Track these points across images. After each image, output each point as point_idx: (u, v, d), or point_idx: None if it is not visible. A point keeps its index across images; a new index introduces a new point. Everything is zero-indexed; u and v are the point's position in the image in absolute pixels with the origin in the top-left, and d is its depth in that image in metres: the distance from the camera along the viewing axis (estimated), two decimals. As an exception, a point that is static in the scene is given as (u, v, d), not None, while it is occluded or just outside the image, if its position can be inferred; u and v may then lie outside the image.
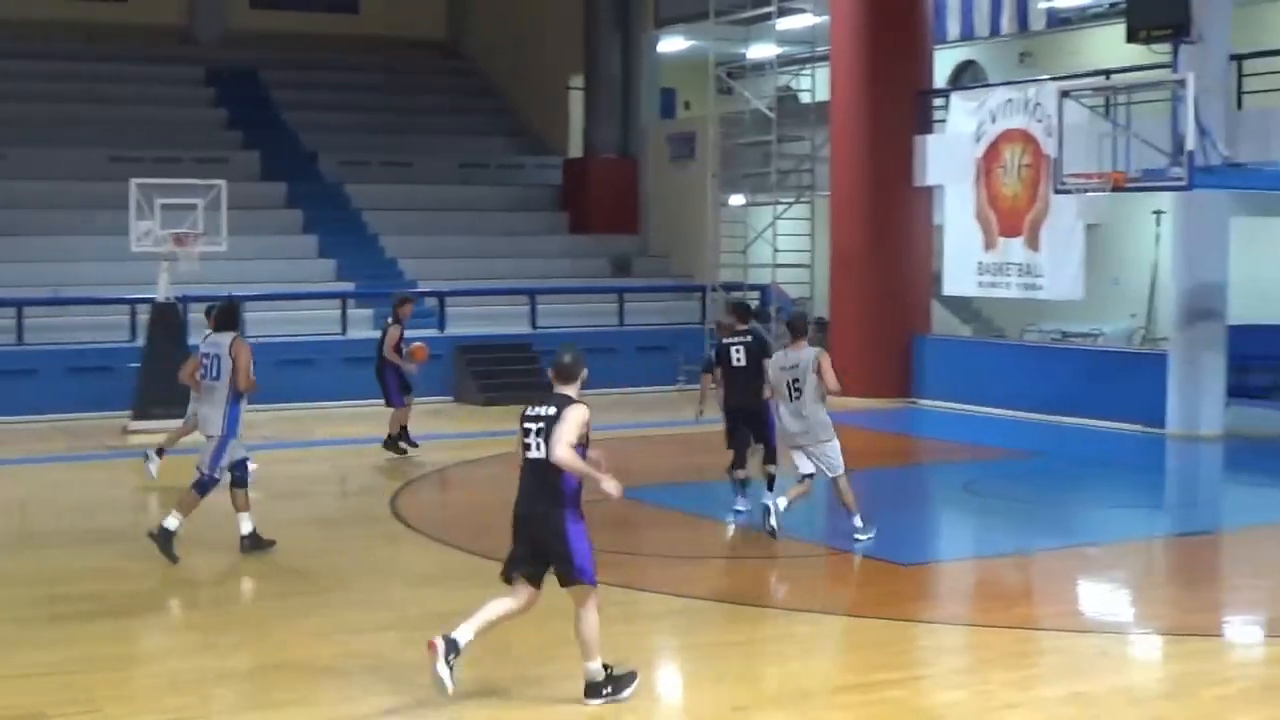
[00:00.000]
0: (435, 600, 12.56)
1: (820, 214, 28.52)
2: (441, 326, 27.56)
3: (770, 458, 16.06)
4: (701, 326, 28.89)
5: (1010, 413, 23.68)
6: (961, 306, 30.09)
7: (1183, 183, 18.10)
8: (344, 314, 26.78)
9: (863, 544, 14.37)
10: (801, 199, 29.21)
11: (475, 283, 29.18)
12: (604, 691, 9.81)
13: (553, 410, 9.69)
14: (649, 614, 12.26)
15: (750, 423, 15.87)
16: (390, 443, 20.24)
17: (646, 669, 10.88)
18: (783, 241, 28.94)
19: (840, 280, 26.47)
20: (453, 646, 9.62)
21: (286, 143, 33.46)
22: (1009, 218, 23.63)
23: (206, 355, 14.23)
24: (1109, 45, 25.58)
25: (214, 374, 14.09)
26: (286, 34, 36.91)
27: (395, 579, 13.43)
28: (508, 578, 9.96)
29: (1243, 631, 12.22)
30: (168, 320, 23.10)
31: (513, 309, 28.40)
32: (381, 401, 20.70)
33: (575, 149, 35.04)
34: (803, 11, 29.21)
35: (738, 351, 15.79)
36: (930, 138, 26.05)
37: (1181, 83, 17.87)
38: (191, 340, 23.80)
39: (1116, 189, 18.70)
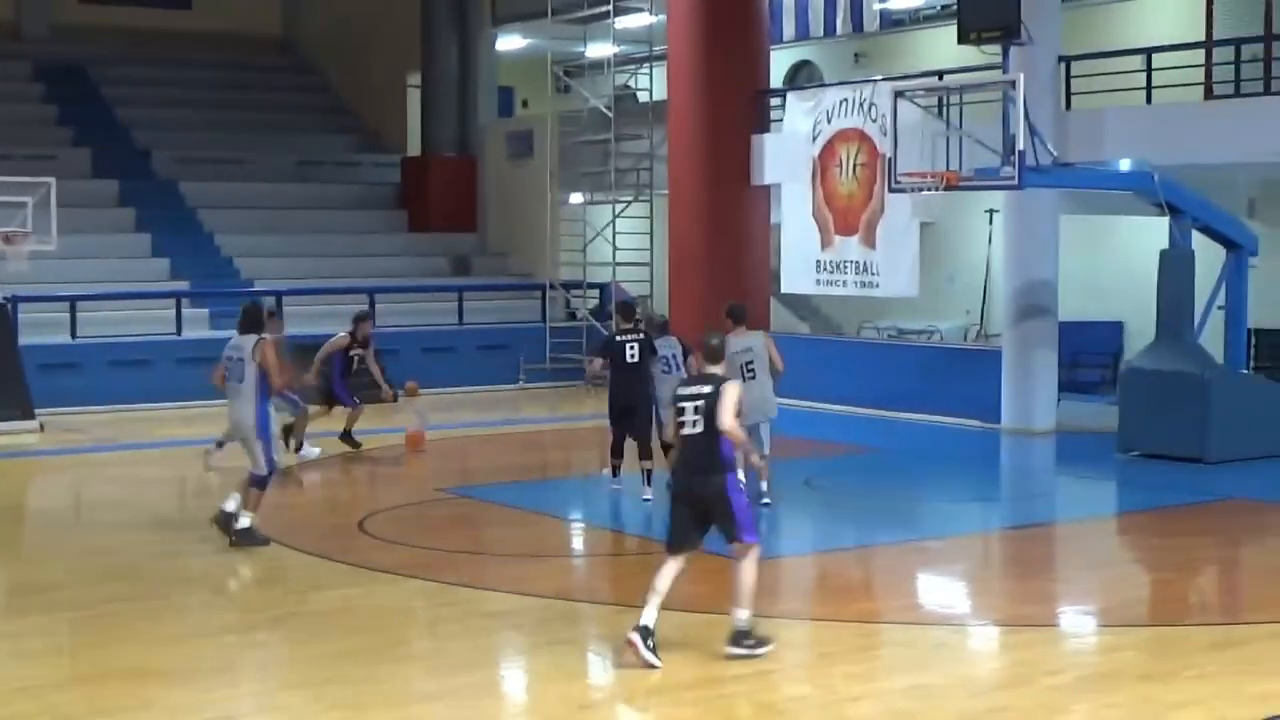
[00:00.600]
0: (276, 603, 12.47)
1: (659, 212, 28.65)
2: (279, 326, 27.24)
3: (646, 453, 16.41)
4: (542, 325, 28.92)
5: (849, 409, 23.94)
6: (800, 304, 30.40)
7: (1014, 182, 18.40)
8: (179, 314, 26.37)
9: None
10: (640, 198, 29.34)
11: (313, 281, 28.90)
12: (746, 643, 10.54)
13: (709, 389, 10.64)
14: (493, 612, 12.25)
15: (635, 416, 16.41)
16: (346, 436, 20.38)
17: (492, 668, 10.89)
18: (622, 240, 29.05)
19: (679, 278, 26.59)
20: (647, 633, 10.44)
21: (118, 140, 32.87)
22: (845, 216, 23.88)
23: (229, 358, 14.37)
24: (942, 46, 26.00)
25: (239, 376, 14.23)
26: (117, 29, 36.22)
27: (235, 581, 13.28)
28: (676, 549, 10.80)
29: (1076, 621, 12.49)
30: (-4, 321, 22.66)
31: (351, 308, 28.07)
32: (217, 403, 20.41)
33: (414, 147, 34.83)
34: (640, 11, 29.32)
35: (631, 348, 16.37)
36: (767, 137, 26.26)
37: (1012, 84, 18.17)
38: (22, 341, 23.49)
39: (950, 188, 18.97)
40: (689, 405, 10.65)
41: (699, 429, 10.57)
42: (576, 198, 30.72)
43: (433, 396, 26.27)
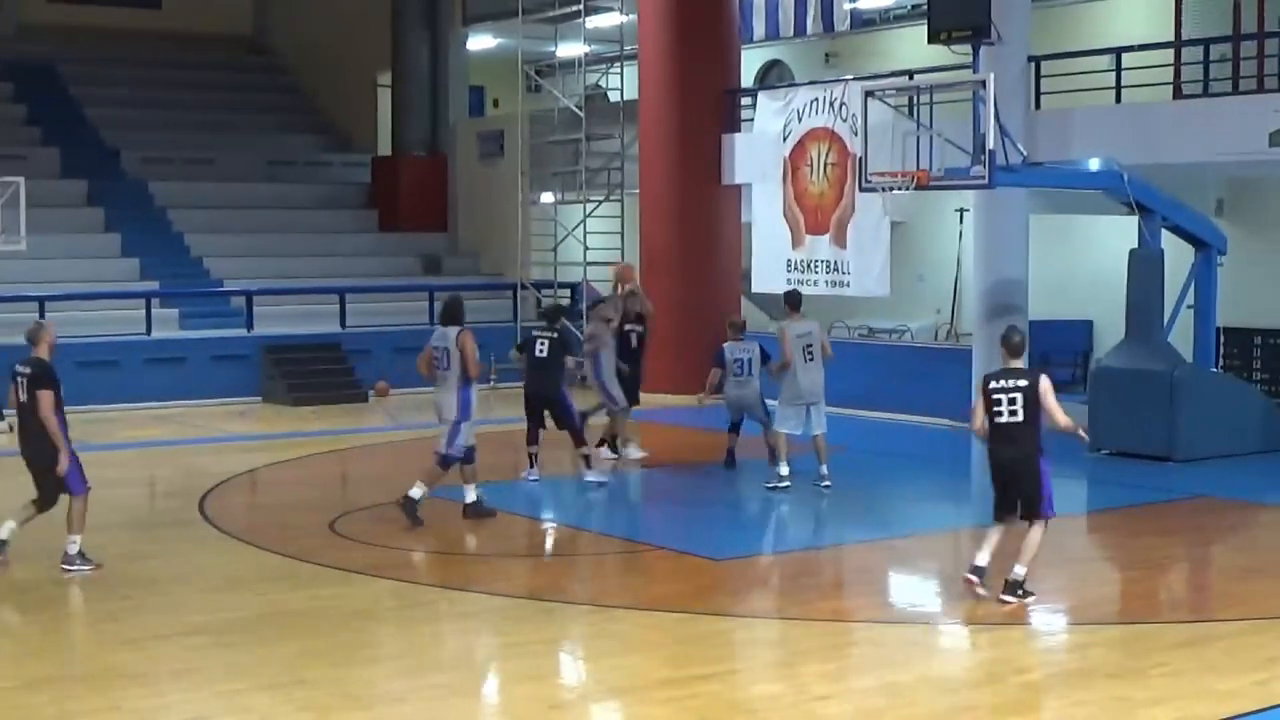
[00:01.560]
0: (245, 604, 12.42)
1: (630, 212, 28.64)
2: (249, 326, 27.19)
3: (579, 441, 17.61)
4: (513, 324, 28.87)
5: (819, 408, 23.89)
6: (771, 304, 30.36)
7: (984, 181, 18.43)
8: (148, 314, 26.26)
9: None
10: (611, 197, 29.33)
11: (283, 281, 28.84)
12: (1019, 592, 12.04)
13: (1024, 381, 12.13)
14: (463, 613, 12.24)
15: (548, 409, 17.80)
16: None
17: (463, 668, 10.87)
18: (593, 239, 29.03)
19: (651, 278, 26.51)
20: (979, 571, 12.16)
21: (87, 139, 32.75)
22: (816, 215, 23.91)
23: (436, 347, 15.66)
24: (912, 46, 26.00)
25: (445, 364, 15.53)
26: (85, 28, 36.12)
27: (205, 583, 13.23)
28: (1000, 519, 12.40)
29: (1046, 620, 12.49)
30: (-35, 321, 22.54)
31: (322, 308, 28.10)
32: (182, 404, 20.37)
33: (384, 147, 34.79)
34: (610, 10, 29.30)
35: (542, 345, 17.62)
36: (738, 136, 26.27)
37: (982, 83, 18.20)
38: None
39: (920, 187, 18.99)
40: (1006, 397, 12.07)
41: (1019, 418, 12.04)
42: (547, 197, 30.70)
43: (402, 396, 26.25)
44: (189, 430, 22.57)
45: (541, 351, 17.65)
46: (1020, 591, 12.06)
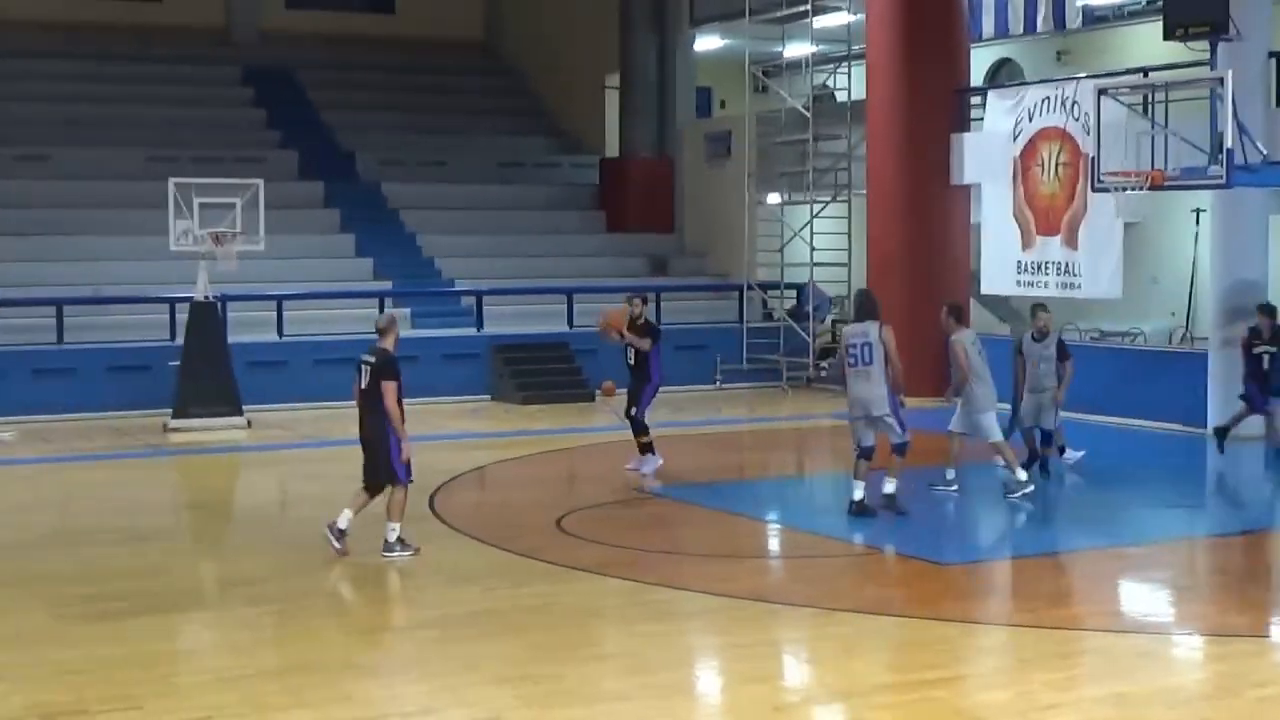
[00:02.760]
0: (473, 599, 12.59)
1: (857, 213, 28.48)
2: (479, 326, 27.61)
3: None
4: (739, 325, 28.88)
5: (1048, 412, 23.55)
6: (999, 305, 30.00)
7: (1221, 181, 18.01)
8: (381, 313, 26.75)
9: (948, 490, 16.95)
10: (838, 198, 29.18)
11: (512, 281, 29.22)
12: None
13: None
14: (688, 612, 12.27)
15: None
16: None
17: (686, 668, 10.90)
18: (820, 240, 28.91)
19: (878, 279, 26.36)
20: None
21: (324, 142, 33.56)
22: (1046, 216, 23.57)
23: (852, 345, 15.54)
24: (1146, 43, 25.46)
25: (866, 359, 15.42)
26: (323, 34, 37.04)
27: (434, 577, 13.45)
28: None
29: (1285, 632, 12.17)
30: (206, 319, 23.19)
31: (550, 308, 28.40)
32: (420, 401, 20.67)
33: (611, 148, 35.06)
34: (838, 10, 29.18)
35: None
36: (967, 136, 25.97)
37: (1220, 80, 17.78)
38: (231, 339, 24.00)
39: (1155, 187, 18.63)
40: None
41: None
42: (774, 198, 30.65)
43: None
44: (420, 427, 22.86)
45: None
46: None
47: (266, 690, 10.13)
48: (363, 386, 13.88)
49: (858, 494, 15.59)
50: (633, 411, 18.72)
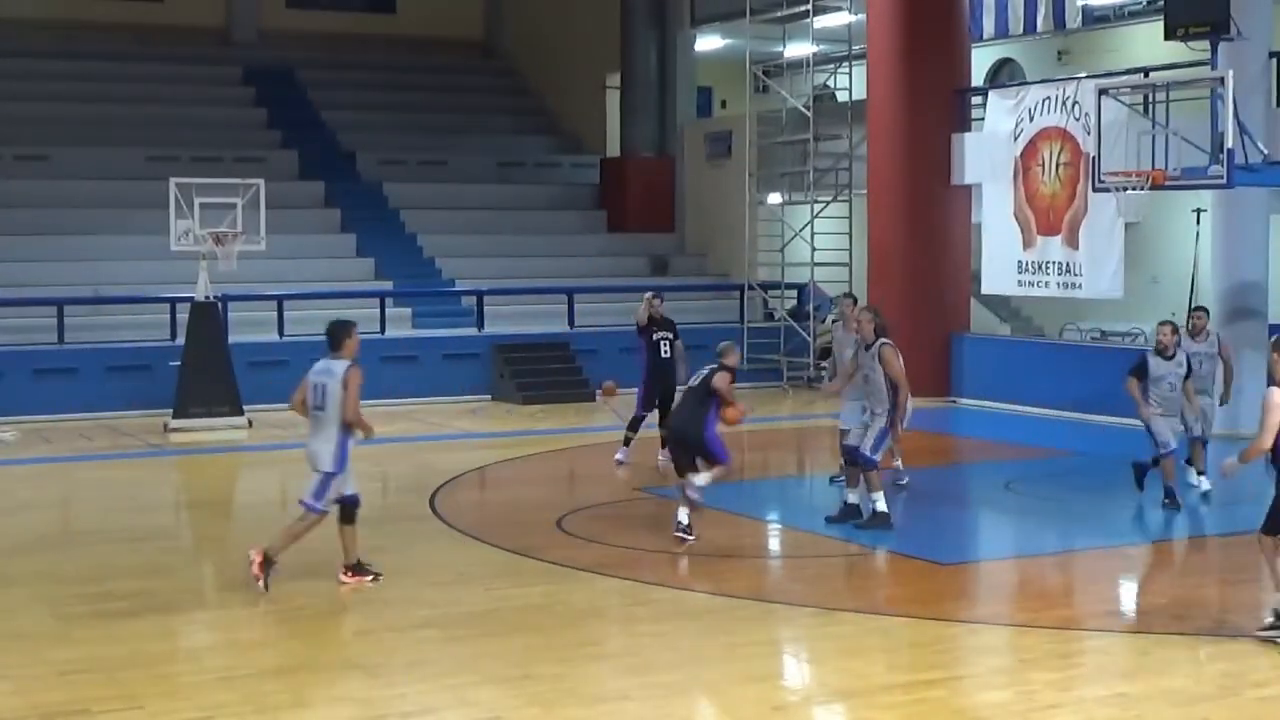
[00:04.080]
0: (474, 599, 12.60)
1: (858, 212, 28.50)
2: (480, 325, 27.62)
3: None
4: (740, 325, 28.89)
5: (1050, 412, 23.61)
6: (1000, 305, 30.03)
7: (1222, 181, 18.01)
8: (382, 313, 26.82)
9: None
10: (839, 198, 29.20)
11: (513, 281, 29.23)
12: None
13: None
14: (688, 612, 12.27)
15: None
16: None
17: (686, 668, 10.90)
18: (820, 240, 28.93)
19: (879, 279, 26.41)
20: None
21: (324, 142, 33.56)
22: (1047, 216, 23.58)
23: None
24: (1147, 43, 25.49)
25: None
26: (323, 34, 37.04)
27: (435, 577, 13.46)
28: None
29: (1285, 632, 12.16)
30: (207, 319, 23.19)
31: (550, 308, 28.42)
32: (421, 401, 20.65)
33: (612, 148, 35.07)
34: (839, 10, 29.20)
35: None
36: (968, 136, 25.98)
37: (1221, 80, 17.78)
38: (232, 338, 23.99)
39: (1155, 187, 18.62)
40: None
41: None
42: (775, 198, 30.66)
43: (628, 395, 26.39)
44: (421, 427, 22.98)
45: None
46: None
47: (267, 690, 10.14)
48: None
49: (852, 498, 15.55)
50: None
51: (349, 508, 12.92)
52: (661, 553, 14.40)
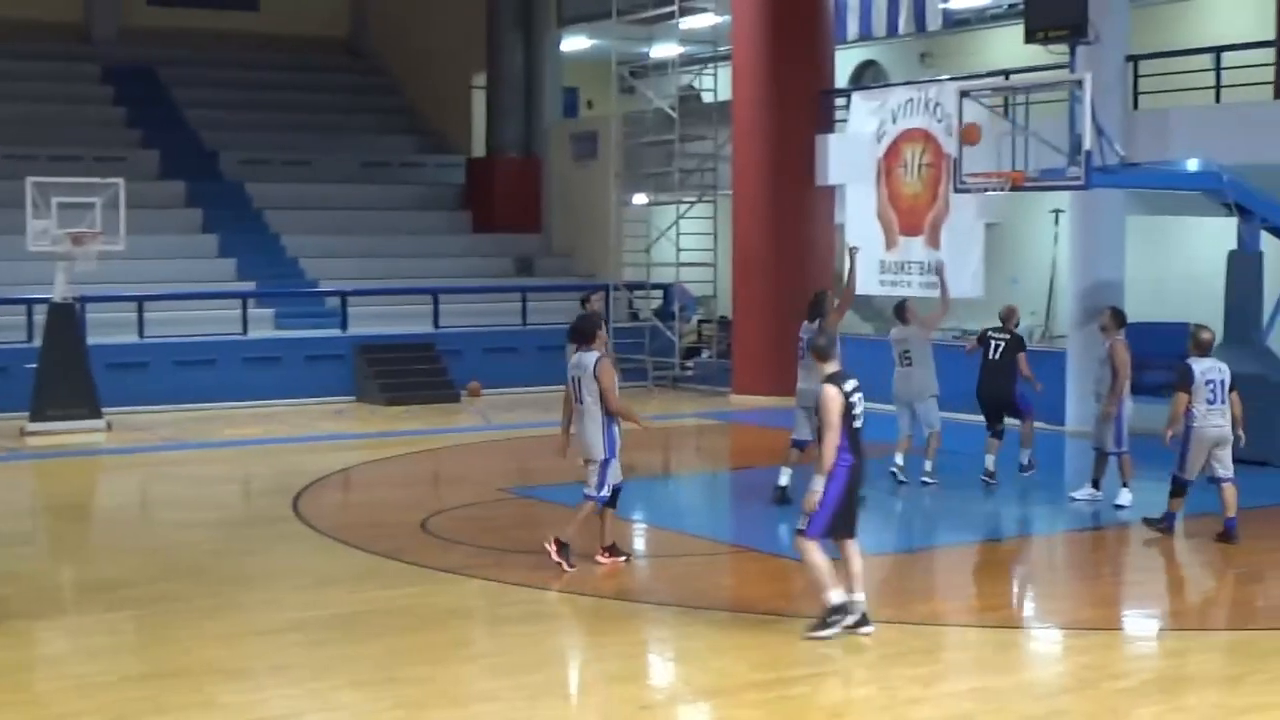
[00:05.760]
0: (338, 601, 12.51)
1: (723, 213, 28.62)
2: (344, 326, 27.39)
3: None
4: (606, 325, 28.85)
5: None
6: (863, 305, 30.22)
7: (1080, 182, 18.27)
8: (244, 314, 26.53)
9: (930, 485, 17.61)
10: (704, 198, 29.31)
11: (377, 282, 29.01)
12: None
13: None
14: (554, 613, 12.27)
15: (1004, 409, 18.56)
16: None
17: (554, 668, 10.90)
18: (686, 240, 29.04)
19: (743, 279, 26.55)
20: None
21: (186, 141, 33.11)
22: (910, 217, 23.78)
23: (803, 340, 16.26)
24: (1008, 46, 25.81)
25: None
26: (185, 31, 36.49)
27: (298, 580, 13.33)
28: None
29: (1141, 625, 12.39)
30: (65, 321, 22.77)
31: (415, 308, 28.27)
32: (284, 402, 20.51)
33: (478, 148, 34.95)
34: (704, 11, 29.30)
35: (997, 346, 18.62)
36: (832, 137, 26.18)
37: (1079, 83, 18.04)
38: (90, 340, 23.61)
39: (1015, 188, 18.85)
40: None
41: None
42: (640, 198, 30.72)
43: (493, 396, 26.38)
44: (284, 429, 22.75)
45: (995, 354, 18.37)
46: None
47: (128, 697, 9.98)
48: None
49: (783, 480, 16.04)
50: None
51: (615, 495, 13.88)
52: (526, 553, 14.37)
